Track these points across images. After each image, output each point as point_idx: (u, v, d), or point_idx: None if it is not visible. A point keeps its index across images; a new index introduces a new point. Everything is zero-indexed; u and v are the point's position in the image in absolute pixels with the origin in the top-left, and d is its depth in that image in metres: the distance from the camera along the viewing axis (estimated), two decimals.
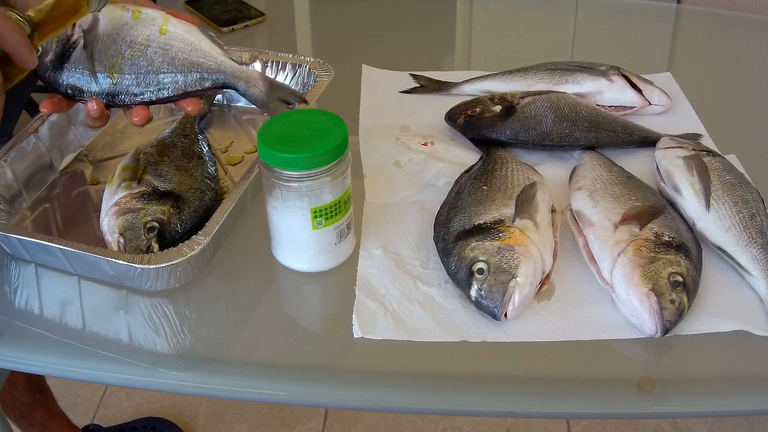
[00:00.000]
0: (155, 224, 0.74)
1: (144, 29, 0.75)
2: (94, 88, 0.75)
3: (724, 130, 0.96)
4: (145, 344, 0.70)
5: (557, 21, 1.30)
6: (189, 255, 0.69)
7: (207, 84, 0.76)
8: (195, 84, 0.75)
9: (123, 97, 0.75)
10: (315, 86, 0.93)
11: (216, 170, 0.85)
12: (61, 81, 0.75)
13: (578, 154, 0.90)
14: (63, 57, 0.75)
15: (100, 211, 0.78)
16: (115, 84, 0.75)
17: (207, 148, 0.88)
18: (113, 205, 0.76)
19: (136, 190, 0.77)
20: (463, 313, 0.70)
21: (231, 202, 0.75)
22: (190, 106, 0.77)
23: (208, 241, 0.71)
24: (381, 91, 1.06)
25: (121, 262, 0.69)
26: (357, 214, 0.80)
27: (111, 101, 0.75)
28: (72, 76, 0.75)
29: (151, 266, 0.68)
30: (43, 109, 0.76)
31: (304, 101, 0.79)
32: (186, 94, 0.76)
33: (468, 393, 0.66)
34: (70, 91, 0.75)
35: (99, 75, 0.74)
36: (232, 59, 0.76)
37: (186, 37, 0.76)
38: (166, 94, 0.75)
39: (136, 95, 0.75)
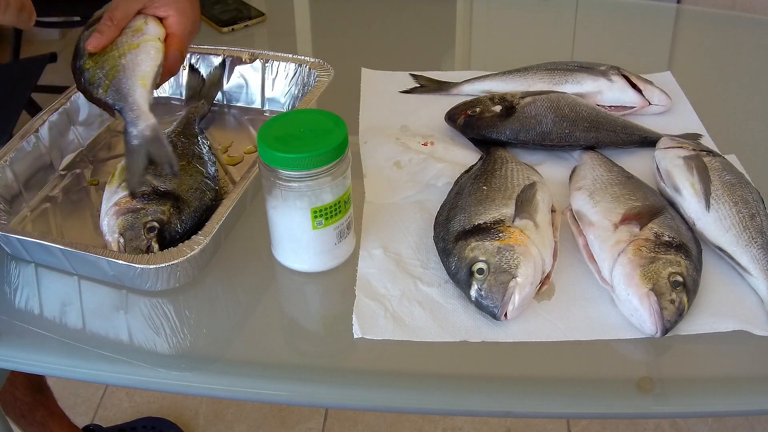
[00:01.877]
0: (155, 224, 0.74)
1: (132, 37, 0.77)
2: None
3: (724, 130, 0.96)
4: (146, 344, 0.70)
5: (557, 21, 1.30)
6: (189, 255, 0.69)
7: (111, 97, 0.74)
8: (111, 94, 0.74)
9: (89, 82, 0.76)
10: (315, 86, 0.93)
11: (216, 170, 0.85)
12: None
13: (578, 154, 0.90)
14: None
15: (100, 211, 0.78)
16: (89, 69, 0.76)
17: (207, 148, 0.88)
18: (113, 205, 0.76)
19: None
20: (463, 313, 0.70)
21: (231, 201, 0.75)
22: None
23: (208, 241, 0.71)
24: (381, 91, 1.06)
25: (121, 262, 0.69)
26: (357, 214, 0.80)
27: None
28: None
29: (151, 266, 0.68)
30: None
31: (175, 175, 0.76)
32: (101, 103, 0.76)
33: (468, 393, 0.66)
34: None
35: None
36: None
37: (143, 57, 0.76)
38: (97, 93, 0.75)
39: (92, 84, 0.76)
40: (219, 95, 1.01)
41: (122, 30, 0.78)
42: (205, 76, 1.00)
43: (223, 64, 0.99)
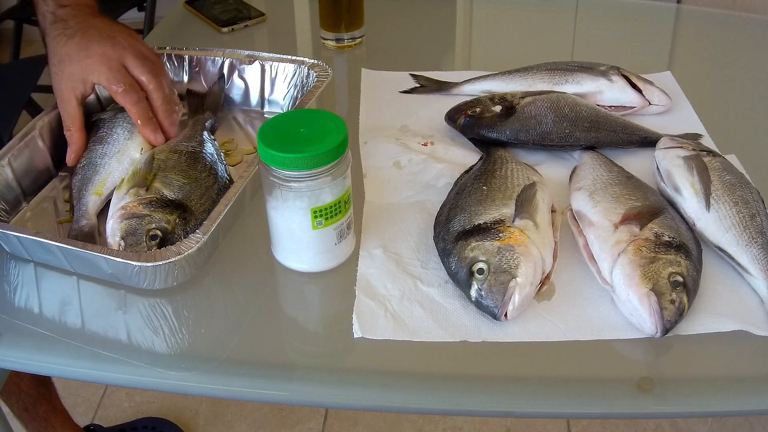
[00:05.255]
0: (158, 233, 0.74)
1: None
2: None
3: (724, 130, 0.96)
4: (145, 344, 0.70)
5: (557, 21, 1.30)
6: (186, 253, 0.69)
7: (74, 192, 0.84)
8: (74, 191, 0.84)
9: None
10: (313, 87, 0.93)
11: (228, 181, 0.83)
12: None
13: (578, 154, 0.90)
14: None
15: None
16: None
17: (217, 158, 0.85)
18: (119, 209, 0.76)
19: (144, 197, 0.77)
20: (463, 313, 0.70)
21: (229, 200, 0.75)
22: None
23: (206, 239, 0.71)
24: (381, 91, 1.06)
25: (118, 259, 0.69)
26: (357, 214, 0.80)
27: None
28: None
29: (149, 264, 0.68)
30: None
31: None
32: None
33: (468, 393, 0.66)
34: None
35: None
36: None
37: (113, 167, 0.84)
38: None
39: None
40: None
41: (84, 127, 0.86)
42: (205, 87, 1.00)
43: (221, 76, 0.99)
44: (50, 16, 0.87)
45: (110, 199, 0.80)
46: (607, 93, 0.98)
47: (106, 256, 0.69)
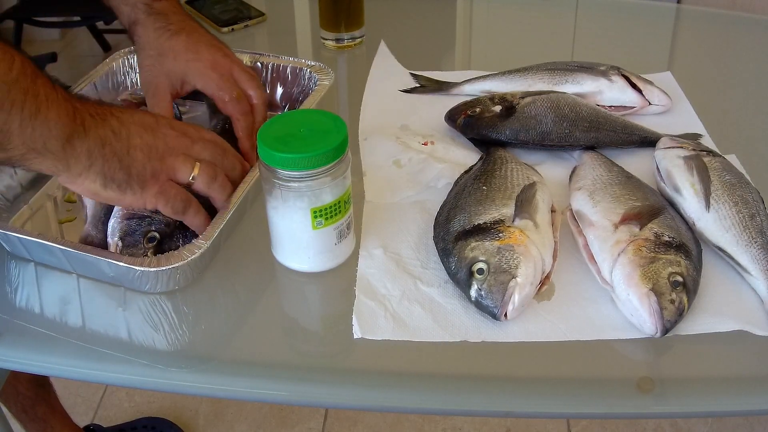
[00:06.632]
0: (156, 235, 0.74)
1: None
2: None
3: (724, 130, 0.96)
4: (146, 343, 0.70)
5: (557, 21, 1.30)
6: (189, 259, 0.69)
7: None
8: None
9: None
10: (316, 90, 0.93)
11: None
12: None
13: (578, 154, 0.90)
14: None
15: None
16: None
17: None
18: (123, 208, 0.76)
19: None
20: (463, 313, 0.70)
21: (232, 206, 0.75)
22: None
23: (209, 245, 0.71)
24: (381, 90, 1.06)
25: (120, 264, 0.69)
26: (357, 214, 0.80)
27: None
28: None
29: (151, 269, 0.68)
30: None
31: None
32: None
33: (468, 393, 0.66)
34: None
35: None
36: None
37: None
38: None
39: None
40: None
41: None
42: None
43: None
44: (144, 6, 0.87)
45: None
46: (607, 93, 0.98)
47: (109, 260, 0.69)
